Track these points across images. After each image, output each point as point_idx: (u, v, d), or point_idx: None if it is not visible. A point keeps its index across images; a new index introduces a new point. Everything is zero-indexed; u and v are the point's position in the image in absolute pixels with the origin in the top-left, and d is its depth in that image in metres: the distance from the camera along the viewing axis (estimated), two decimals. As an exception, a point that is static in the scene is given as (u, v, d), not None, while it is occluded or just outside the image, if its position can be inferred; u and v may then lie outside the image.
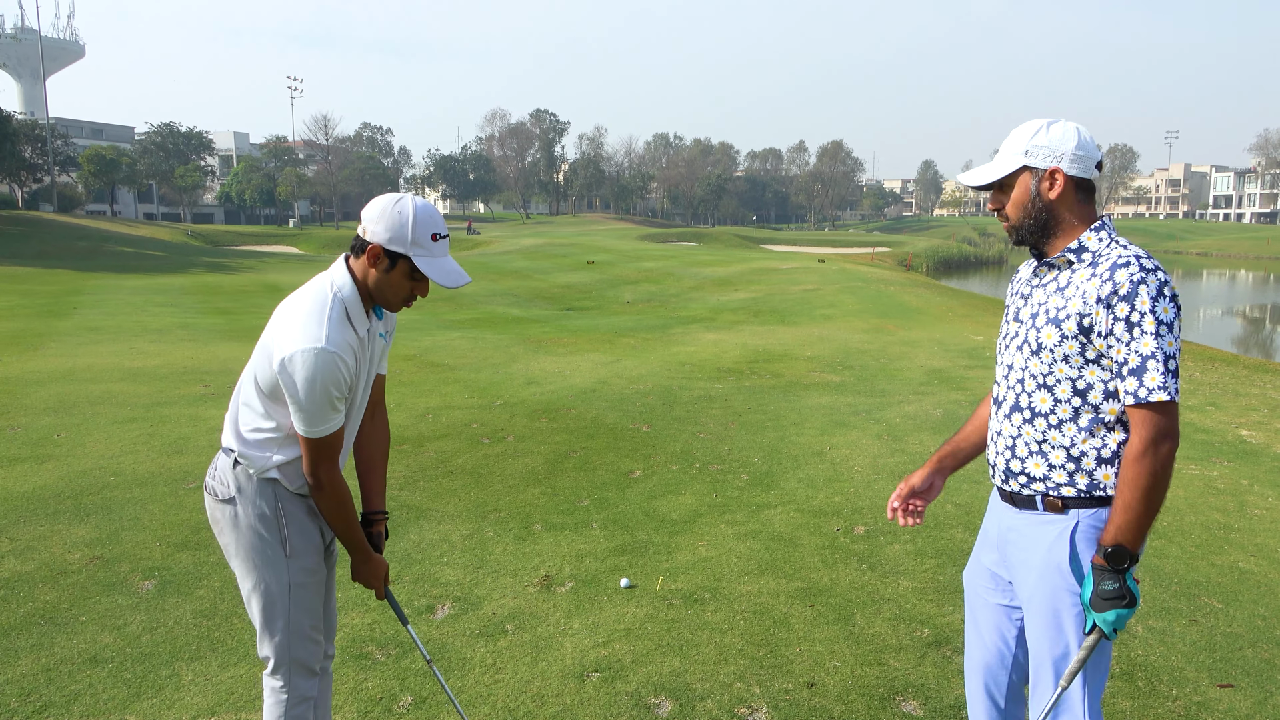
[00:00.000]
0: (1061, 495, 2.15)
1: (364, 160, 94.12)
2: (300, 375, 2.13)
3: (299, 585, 2.37)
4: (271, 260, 44.55)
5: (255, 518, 2.32)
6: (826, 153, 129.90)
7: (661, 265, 34.67)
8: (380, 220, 2.22)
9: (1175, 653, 3.66)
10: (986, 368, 10.97)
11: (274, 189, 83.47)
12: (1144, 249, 2.11)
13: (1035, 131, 2.18)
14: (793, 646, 3.69)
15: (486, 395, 9.03)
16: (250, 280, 31.50)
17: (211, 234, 63.65)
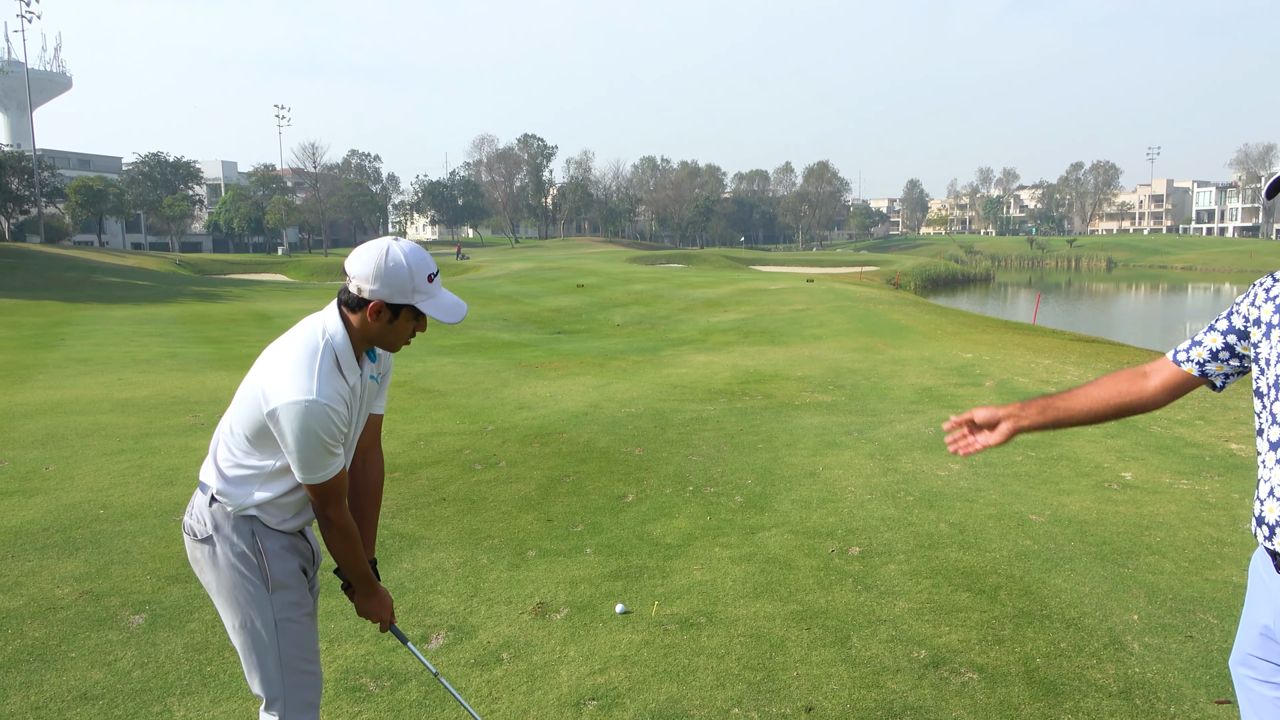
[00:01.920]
0: None
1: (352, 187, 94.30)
2: (292, 427, 2.12)
3: (285, 620, 2.35)
4: (260, 288, 44.46)
5: (234, 555, 2.30)
6: (813, 173, 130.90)
7: (651, 287, 34.74)
8: (376, 278, 2.20)
9: (1172, 669, 3.65)
10: (977, 385, 11.01)
11: (262, 217, 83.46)
12: None
13: None
14: (790, 670, 3.67)
15: (478, 421, 9.01)
16: (239, 309, 31.41)
17: (200, 263, 63.53)
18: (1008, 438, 2.14)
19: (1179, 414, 9.00)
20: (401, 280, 2.21)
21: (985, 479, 6.56)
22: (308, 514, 2.39)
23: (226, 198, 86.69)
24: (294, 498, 2.32)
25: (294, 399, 2.10)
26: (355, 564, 2.39)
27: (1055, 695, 3.46)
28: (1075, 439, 7.82)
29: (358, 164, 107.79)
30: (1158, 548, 5.07)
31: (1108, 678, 3.59)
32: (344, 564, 2.38)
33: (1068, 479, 6.54)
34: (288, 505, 2.33)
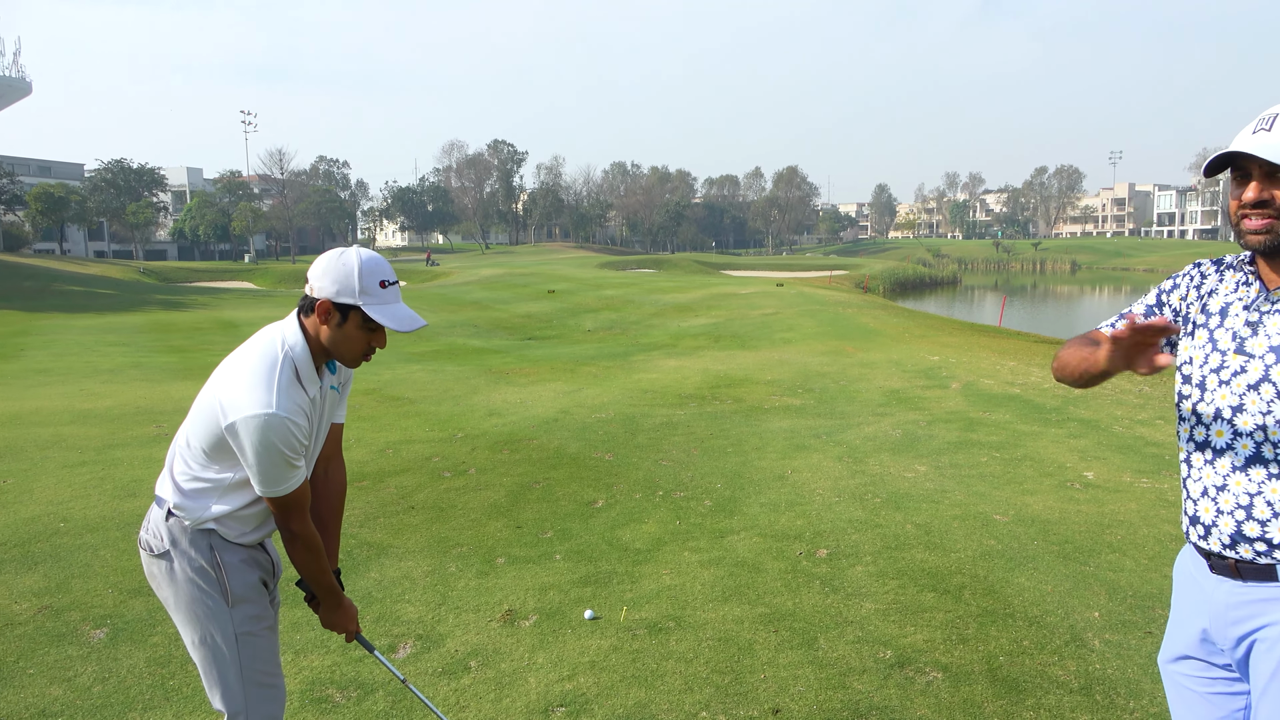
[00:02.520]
0: None
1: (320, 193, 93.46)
2: (251, 441, 2.10)
3: (246, 634, 2.32)
4: (227, 296, 43.93)
5: (192, 570, 2.27)
6: (782, 178, 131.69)
7: (622, 293, 34.77)
8: (325, 275, 2.20)
9: (1132, 665, 3.72)
10: (944, 387, 11.14)
11: (229, 224, 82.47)
12: None
13: None
14: (757, 673, 3.69)
15: (447, 428, 8.97)
16: (205, 317, 31.02)
17: (165, 271, 62.64)
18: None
19: (1140, 414, 9.17)
20: (348, 277, 2.19)
21: (951, 480, 6.63)
22: (268, 526, 2.37)
23: (192, 205, 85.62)
24: (253, 510, 2.30)
25: (253, 413, 2.08)
26: (320, 576, 2.37)
27: (1018, 693, 3.51)
28: (1039, 440, 7.94)
29: (325, 170, 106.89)
30: (1118, 546, 5.15)
31: (1069, 674, 3.65)
32: (308, 576, 2.36)
33: (1031, 479, 6.63)
34: (247, 518, 2.31)
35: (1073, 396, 10.34)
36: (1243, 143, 1.80)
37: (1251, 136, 1.80)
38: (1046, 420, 8.85)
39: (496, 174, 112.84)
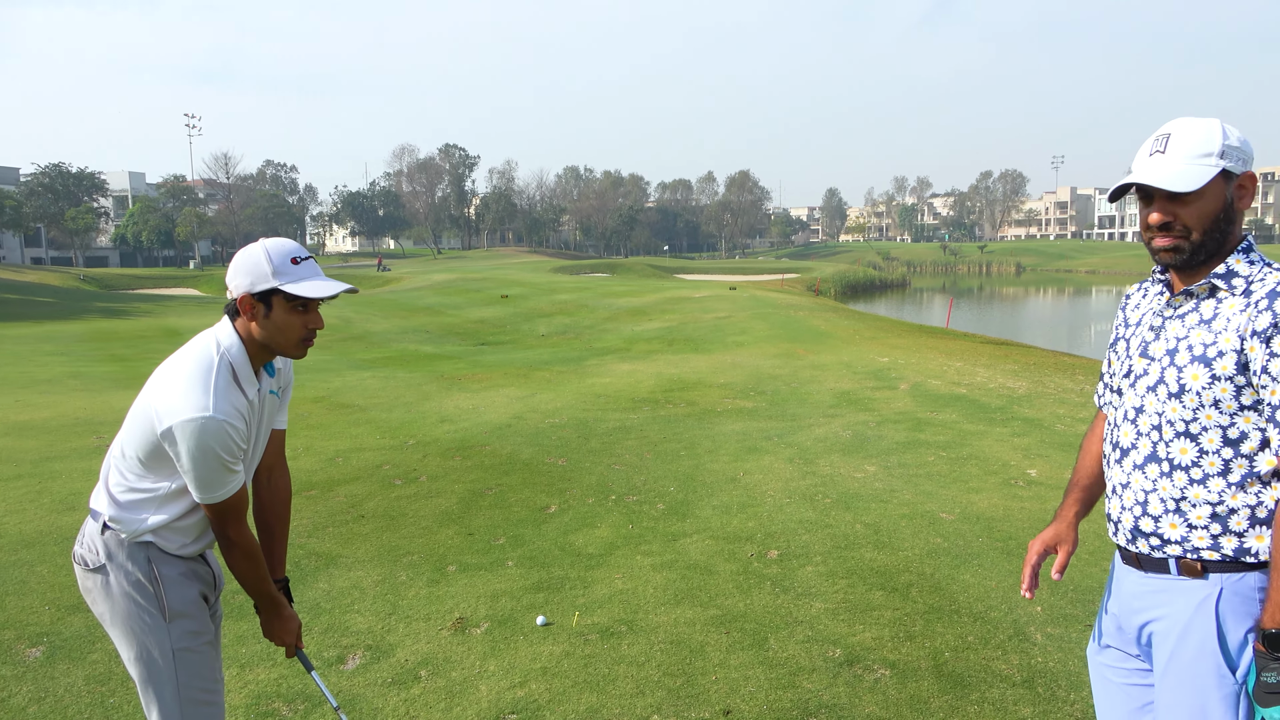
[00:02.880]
0: (1201, 559, 1.84)
1: (268, 198, 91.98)
2: (187, 446, 2.06)
3: (184, 650, 2.27)
4: (171, 303, 42.96)
5: (129, 584, 2.22)
6: (735, 182, 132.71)
7: (575, 297, 34.72)
8: (238, 272, 2.18)
9: (1073, 658, 3.81)
10: (892, 388, 11.31)
11: (173, 230, 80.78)
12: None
13: (1223, 131, 1.82)
14: (709, 675, 3.72)
15: (399, 435, 8.88)
16: (148, 325, 30.30)
17: (106, 278, 61.10)
18: (1074, 547, 2.22)
19: (1081, 413, 9.39)
20: (257, 264, 2.16)
21: (899, 480, 6.74)
22: (209, 537, 2.33)
23: (134, 210, 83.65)
24: (192, 520, 2.25)
25: (189, 416, 2.05)
26: (258, 584, 2.33)
27: (963, 687, 3.58)
28: (984, 439, 8.10)
29: (273, 174, 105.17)
30: (1060, 541, 5.27)
31: (1012, 668, 3.73)
32: (247, 585, 2.32)
33: (976, 477, 6.77)
34: (186, 529, 2.26)
35: (1017, 396, 10.56)
36: (1139, 170, 1.88)
37: (1148, 160, 1.88)
38: (991, 420, 9.04)
39: (448, 178, 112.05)
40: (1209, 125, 1.84)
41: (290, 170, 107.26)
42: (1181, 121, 1.87)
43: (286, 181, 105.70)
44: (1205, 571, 1.84)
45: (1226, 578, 1.82)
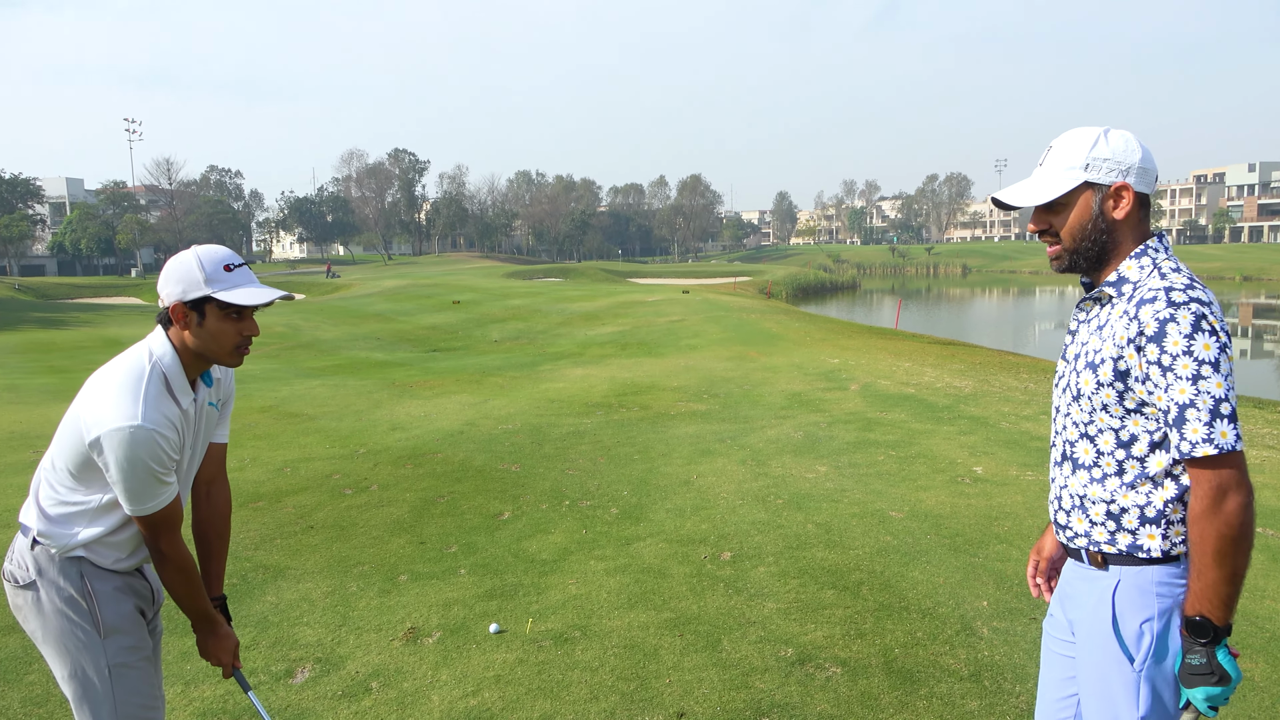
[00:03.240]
0: (1102, 551, 1.95)
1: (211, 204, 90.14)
2: (116, 456, 2.01)
3: (120, 666, 2.22)
4: (112, 313, 41.86)
5: (61, 600, 2.16)
6: (686, 186, 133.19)
7: (528, 302, 34.58)
8: (169, 281, 2.14)
9: (1018, 651, 3.90)
10: (843, 389, 11.45)
11: (113, 237, 78.65)
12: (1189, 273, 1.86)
13: (1094, 142, 1.89)
14: (663, 678, 3.73)
15: (349, 444, 8.76)
16: (88, 335, 29.51)
17: (43, 287, 59.31)
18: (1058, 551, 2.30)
19: (1024, 410, 9.60)
20: (189, 272, 2.12)
21: (850, 479, 6.82)
22: (144, 552, 2.27)
23: (72, 217, 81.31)
24: (126, 534, 2.20)
25: (118, 425, 2.00)
26: (192, 600, 2.28)
27: (912, 683, 3.63)
28: (932, 438, 8.24)
29: (217, 180, 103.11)
30: (1006, 536, 5.39)
31: (960, 663, 3.80)
32: (180, 600, 2.27)
33: (924, 475, 6.88)
34: (120, 543, 2.20)
35: (963, 395, 10.76)
36: (1005, 191, 2.01)
37: (1038, 169, 1.99)
38: (939, 419, 9.19)
39: (398, 183, 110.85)
40: (1083, 137, 1.91)
41: (235, 176, 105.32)
42: (1067, 134, 1.96)
43: (231, 187, 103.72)
44: (1106, 564, 1.95)
45: (1125, 570, 1.91)
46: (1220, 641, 1.76)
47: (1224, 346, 1.75)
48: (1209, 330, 1.74)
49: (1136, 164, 1.88)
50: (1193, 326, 1.75)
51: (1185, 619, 1.81)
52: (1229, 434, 1.73)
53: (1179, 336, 1.75)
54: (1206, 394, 1.73)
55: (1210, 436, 1.73)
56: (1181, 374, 1.75)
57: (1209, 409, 1.73)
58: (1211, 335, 1.74)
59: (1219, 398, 1.73)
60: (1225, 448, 1.73)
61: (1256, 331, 34.33)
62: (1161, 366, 1.77)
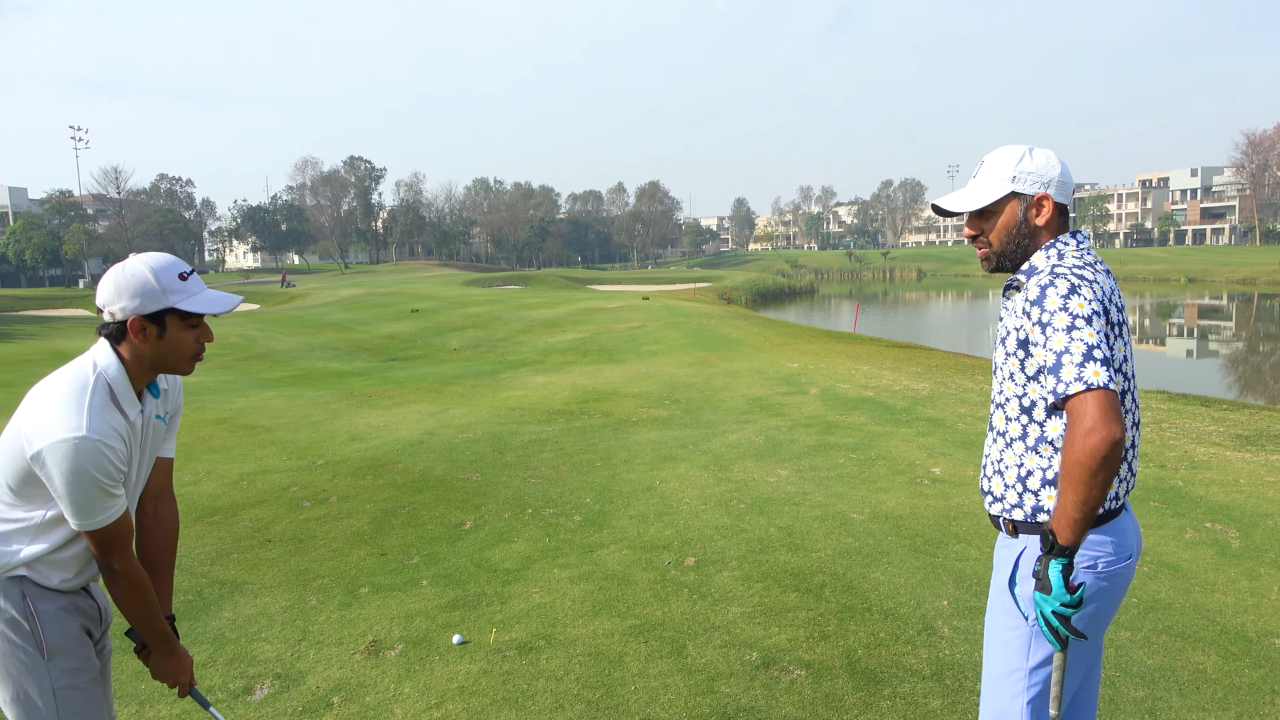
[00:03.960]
0: (1013, 519, 2.16)
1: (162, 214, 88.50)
2: (60, 469, 1.94)
3: (66, 688, 2.14)
4: (59, 325, 40.87)
5: (2, 622, 2.09)
6: (645, 193, 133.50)
7: (488, 310, 34.39)
8: (120, 294, 2.07)
9: (978, 649, 3.94)
10: (803, 393, 11.54)
11: (59, 248, 76.77)
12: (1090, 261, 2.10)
13: (1020, 158, 2.16)
14: (628, 685, 3.72)
15: (306, 456, 8.63)
16: (35, 348, 28.77)
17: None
18: None
19: (981, 411, 9.75)
20: (147, 286, 2.07)
21: (811, 482, 6.88)
22: (92, 570, 2.20)
23: (15, 227, 79.18)
24: (71, 552, 2.13)
25: (61, 437, 1.94)
26: (148, 619, 2.22)
27: (875, 684, 3.67)
28: (891, 440, 8.34)
29: (168, 189, 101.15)
30: (964, 536, 5.47)
31: (921, 662, 3.84)
32: (135, 619, 2.20)
33: (884, 477, 6.96)
34: (64, 561, 2.13)
35: (921, 397, 10.90)
36: (944, 199, 2.30)
37: (972, 180, 2.27)
38: (898, 421, 9.30)
39: (354, 191, 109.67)
40: (1011, 153, 2.18)
41: (186, 184, 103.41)
42: (998, 150, 2.22)
43: (182, 196, 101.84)
44: (1017, 532, 2.18)
45: (1030, 538, 2.14)
46: (1058, 558, 1.96)
47: (1096, 313, 1.97)
48: (1083, 296, 1.97)
49: (1056, 177, 2.15)
50: (1069, 290, 1.98)
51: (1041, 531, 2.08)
52: (1101, 374, 1.90)
53: (1056, 297, 1.98)
54: (1080, 341, 1.93)
55: (1081, 375, 1.91)
56: (1058, 326, 1.96)
57: (1081, 354, 1.92)
58: (1085, 300, 1.97)
59: (1091, 345, 1.93)
60: (1095, 384, 1.89)
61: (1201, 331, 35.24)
62: (1041, 325, 1.99)
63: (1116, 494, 2.14)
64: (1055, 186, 2.15)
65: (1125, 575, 2.16)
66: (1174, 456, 7.44)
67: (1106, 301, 2.05)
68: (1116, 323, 2.09)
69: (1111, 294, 2.11)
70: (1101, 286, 2.05)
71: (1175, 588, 4.56)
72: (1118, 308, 2.12)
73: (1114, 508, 2.13)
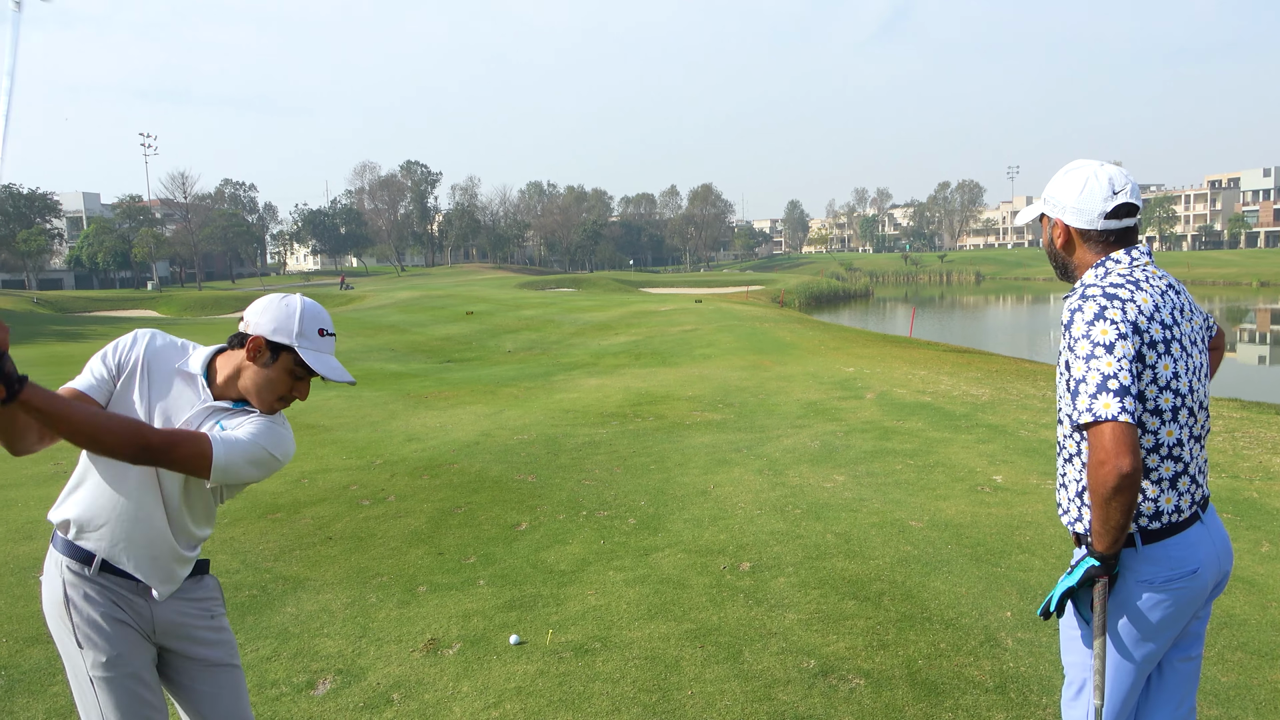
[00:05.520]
0: (1076, 531, 2.21)
1: (226, 218, 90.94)
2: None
3: (100, 679, 2.16)
4: (129, 325, 42.14)
5: (49, 602, 2.16)
6: (698, 196, 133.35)
7: (541, 313, 34.66)
8: (265, 313, 2.17)
9: (1044, 662, 3.86)
10: (859, 398, 11.40)
11: (129, 251, 79.32)
12: (1138, 279, 2.12)
13: (1055, 179, 2.24)
14: (684, 690, 3.71)
15: (365, 455, 8.78)
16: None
17: (61, 301, 59.85)
18: None
19: (1044, 418, 9.54)
20: (288, 318, 2.18)
21: (868, 489, 6.79)
22: (127, 549, 2.15)
23: (89, 231, 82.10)
24: (86, 513, 2.14)
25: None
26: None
27: (936, 695, 3.60)
28: (950, 446, 8.19)
29: (232, 193, 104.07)
30: (1028, 546, 5.35)
31: (984, 674, 3.76)
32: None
33: (944, 484, 6.84)
34: (87, 524, 2.13)
35: (980, 403, 10.70)
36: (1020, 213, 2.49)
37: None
38: (956, 427, 9.14)
39: (410, 195, 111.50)
40: (1056, 177, 2.26)
41: (249, 189, 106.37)
42: (1063, 168, 2.29)
43: (246, 200, 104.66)
44: (1079, 542, 2.22)
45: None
46: (1093, 559, 2.06)
47: (1123, 336, 1.99)
48: (1109, 320, 2.00)
49: (1070, 204, 2.20)
50: (1095, 315, 2.01)
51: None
52: (1113, 405, 1.94)
53: (1081, 323, 2.02)
54: (1096, 370, 1.97)
55: (1091, 406, 1.96)
56: (1079, 354, 2.01)
57: (1096, 384, 1.96)
58: (1110, 324, 1.99)
59: (1107, 374, 1.96)
60: (1103, 416, 1.94)
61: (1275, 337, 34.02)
62: (1070, 350, 2.05)
63: (1178, 507, 2.14)
64: (1070, 213, 2.20)
65: (1190, 589, 2.14)
66: (1248, 467, 7.19)
67: (1148, 319, 2.05)
68: (1163, 340, 2.07)
69: (1157, 310, 2.08)
70: (1140, 305, 2.05)
71: (1251, 603, 4.41)
72: (1164, 324, 2.09)
73: (1176, 521, 2.14)
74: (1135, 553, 2.14)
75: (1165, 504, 2.13)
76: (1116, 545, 2.04)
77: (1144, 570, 2.13)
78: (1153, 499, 2.12)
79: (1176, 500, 2.14)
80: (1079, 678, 2.24)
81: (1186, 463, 2.16)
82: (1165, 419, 2.10)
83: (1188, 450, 2.16)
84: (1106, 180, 2.16)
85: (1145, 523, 2.13)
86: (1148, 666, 2.22)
